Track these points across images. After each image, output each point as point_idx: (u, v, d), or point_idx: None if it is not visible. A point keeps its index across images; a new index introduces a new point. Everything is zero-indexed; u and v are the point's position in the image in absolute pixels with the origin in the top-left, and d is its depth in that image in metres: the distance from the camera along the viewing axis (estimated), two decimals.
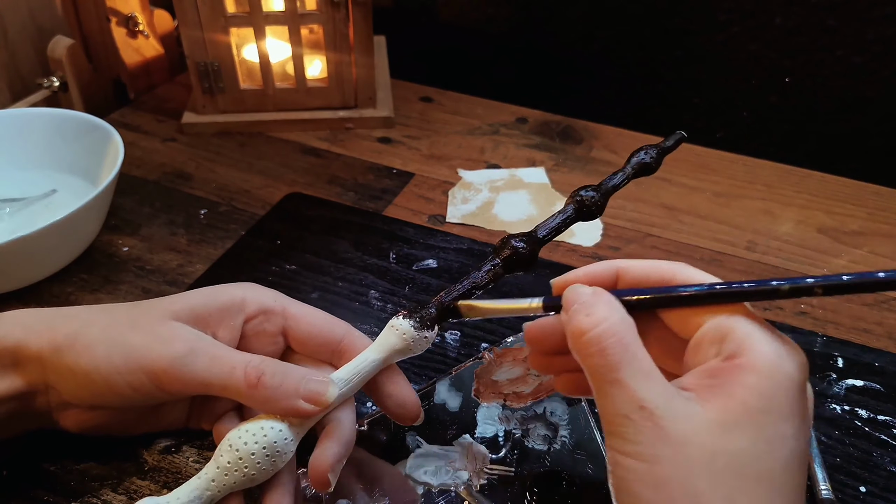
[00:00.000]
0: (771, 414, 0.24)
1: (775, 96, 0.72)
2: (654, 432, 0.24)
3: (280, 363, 0.35)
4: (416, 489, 0.38)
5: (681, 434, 0.24)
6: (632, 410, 0.25)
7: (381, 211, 0.60)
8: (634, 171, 0.38)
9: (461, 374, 0.42)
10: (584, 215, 0.37)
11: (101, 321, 0.36)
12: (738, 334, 0.26)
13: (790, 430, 0.24)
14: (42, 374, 0.35)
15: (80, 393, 0.35)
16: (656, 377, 0.25)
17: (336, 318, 0.39)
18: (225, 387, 0.34)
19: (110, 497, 0.38)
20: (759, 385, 0.24)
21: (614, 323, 0.26)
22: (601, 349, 0.26)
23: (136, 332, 0.35)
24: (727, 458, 0.24)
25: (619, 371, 0.25)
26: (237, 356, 0.35)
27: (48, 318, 0.36)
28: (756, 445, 0.24)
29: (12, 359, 0.35)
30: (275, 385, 0.33)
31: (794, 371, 0.25)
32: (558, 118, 0.73)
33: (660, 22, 0.73)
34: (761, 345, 0.25)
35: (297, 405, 0.33)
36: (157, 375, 0.34)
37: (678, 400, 0.25)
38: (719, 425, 0.24)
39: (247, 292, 0.38)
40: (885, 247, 0.58)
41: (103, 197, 0.51)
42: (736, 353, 0.25)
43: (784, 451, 0.24)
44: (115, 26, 0.71)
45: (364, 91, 0.70)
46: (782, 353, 0.25)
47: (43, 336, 0.35)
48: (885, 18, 0.65)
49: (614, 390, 0.25)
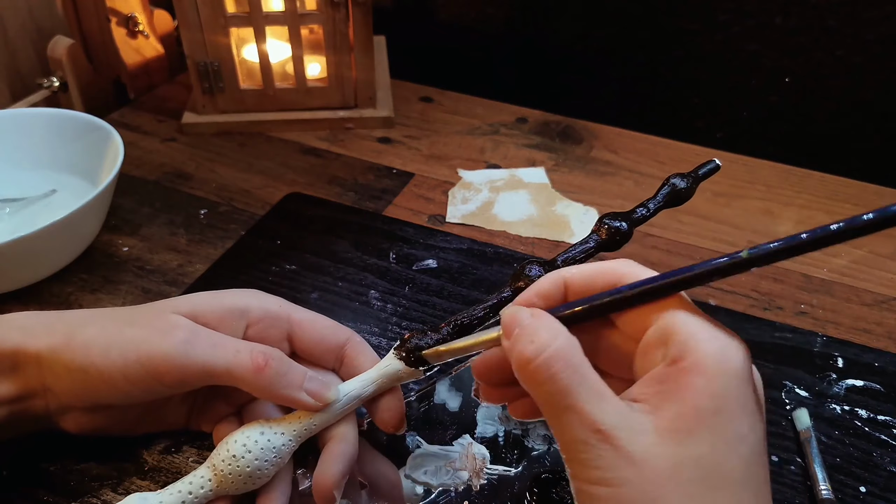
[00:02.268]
0: (725, 414, 0.24)
1: (775, 96, 0.72)
2: (613, 454, 0.23)
3: (285, 356, 0.35)
4: (416, 489, 0.38)
5: (640, 452, 0.23)
6: (588, 435, 0.24)
7: (381, 211, 0.60)
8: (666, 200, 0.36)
9: (461, 374, 0.42)
10: (610, 245, 0.35)
11: (99, 321, 0.36)
12: (680, 336, 0.25)
13: (746, 425, 0.24)
14: (40, 377, 0.35)
15: (77, 392, 0.35)
16: (608, 396, 0.25)
17: (339, 324, 0.39)
18: (229, 370, 0.34)
19: (110, 497, 0.38)
20: (708, 387, 0.24)
21: (560, 347, 0.25)
22: (550, 376, 0.25)
23: (133, 326, 0.35)
24: (690, 467, 0.23)
25: (571, 396, 0.24)
26: (241, 342, 0.35)
27: (47, 321, 0.36)
28: (716, 449, 0.23)
29: (11, 362, 0.35)
30: (281, 372, 0.34)
31: (739, 365, 0.24)
32: (558, 118, 0.73)
33: (660, 22, 0.73)
34: (704, 344, 0.24)
35: (299, 396, 0.33)
36: (156, 366, 0.33)
37: (632, 416, 0.24)
38: (676, 434, 0.23)
39: (250, 299, 0.38)
40: (886, 247, 0.58)
41: (103, 197, 0.51)
42: (680, 355, 0.24)
43: (744, 448, 0.24)
44: (115, 26, 0.71)
45: (364, 91, 0.70)
46: (726, 348, 0.25)
47: (41, 338, 0.35)
48: (885, 18, 0.65)
49: (568, 416, 0.24)
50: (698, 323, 0.25)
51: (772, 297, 0.53)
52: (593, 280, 0.28)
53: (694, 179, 0.37)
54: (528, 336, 0.26)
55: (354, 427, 0.36)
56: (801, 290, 0.53)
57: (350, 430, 0.35)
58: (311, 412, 0.35)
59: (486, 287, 0.52)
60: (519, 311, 0.27)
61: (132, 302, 0.51)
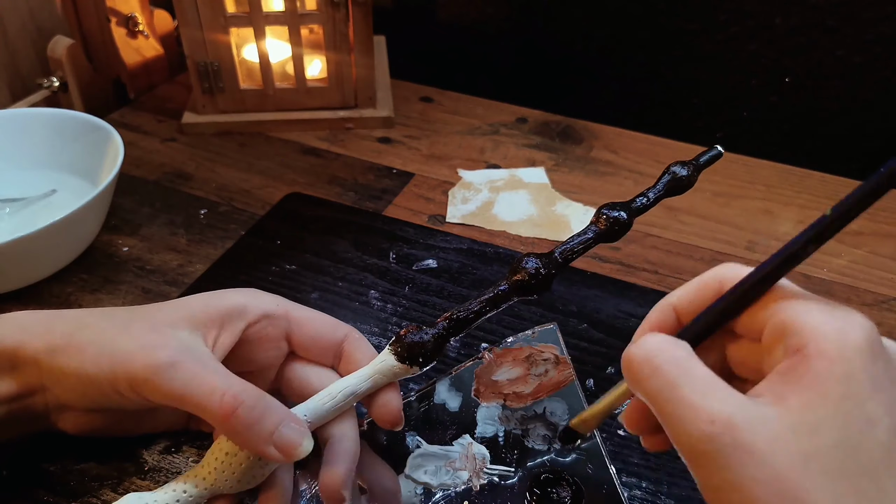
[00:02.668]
0: (855, 397, 0.22)
1: (775, 96, 0.72)
2: (734, 451, 0.22)
3: (263, 397, 0.33)
4: (416, 489, 0.38)
5: (766, 445, 0.22)
6: (704, 427, 0.22)
7: (381, 211, 0.60)
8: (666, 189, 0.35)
9: (461, 374, 0.42)
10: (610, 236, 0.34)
11: (97, 324, 0.35)
12: (795, 325, 0.23)
13: (881, 406, 0.22)
14: (38, 376, 0.35)
15: (72, 395, 0.35)
16: (722, 387, 0.23)
17: (338, 320, 0.39)
18: (201, 408, 0.32)
19: (110, 497, 0.38)
20: (832, 371, 0.22)
21: (661, 342, 0.25)
22: (654, 369, 0.24)
23: (126, 336, 0.34)
24: (823, 458, 0.21)
25: (678, 388, 0.23)
26: (220, 379, 0.33)
27: (46, 321, 0.36)
28: (850, 435, 0.22)
29: (11, 361, 0.35)
30: (249, 422, 0.31)
31: (863, 341, 0.23)
32: (558, 118, 0.73)
33: (660, 22, 0.73)
34: (821, 327, 0.23)
35: (266, 451, 0.32)
36: (138, 384, 0.33)
37: (753, 408, 0.22)
38: (804, 425, 0.22)
39: (248, 298, 0.38)
40: (886, 247, 0.58)
41: (103, 197, 0.51)
42: (799, 345, 0.23)
43: (881, 430, 0.22)
44: (115, 26, 0.71)
45: (364, 91, 0.70)
46: (845, 326, 0.23)
47: (40, 338, 0.35)
48: (885, 18, 0.65)
49: (679, 411, 0.23)
50: (811, 307, 0.24)
51: None
52: (701, 294, 0.27)
53: (695, 167, 0.36)
54: (632, 346, 0.26)
55: (355, 425, 0.36)
56: None
57: (350, 428, 0.35)
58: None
59: (486, 287, 0.52)
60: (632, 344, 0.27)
61: (132, 302, 0.51)
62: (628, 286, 0.53)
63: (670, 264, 0.55)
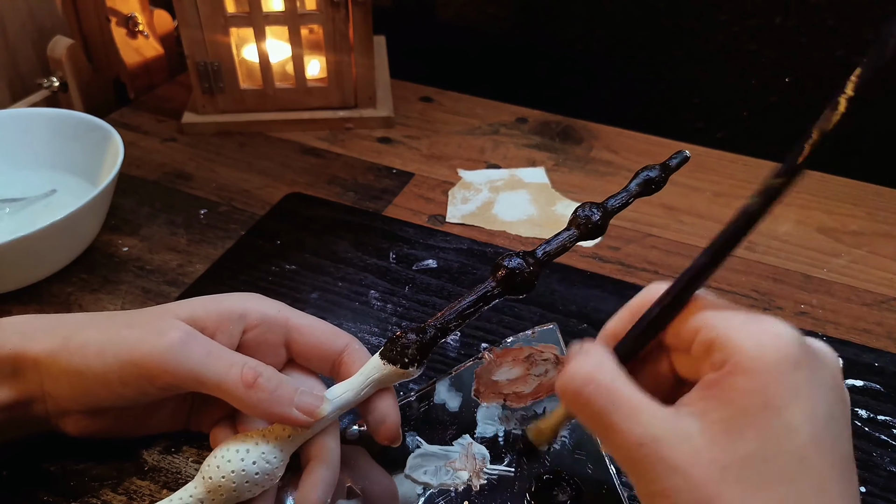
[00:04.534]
0: (771, 408, 0.23)
1: (775, 96, 0.72)
2: (660, 466, 0.24)
3: (276, 371, 0.35)
4: (416, 489, 0.38)
5: (686, 458, 0.24)
6: (633, 450, 0.24)
7: (381, 211, 0.60)
8: (639, 190, 0.37)
9: (461, 374, 0.42)
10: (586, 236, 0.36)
11: (98, 324, 0.36)
12: (718, 340, 0.25)
13: (798, 415, 0.23)
14: (39, 381, 0.35)
15: (74, 396, 0.35)
16: (648, 409, 0.25)
17: (339, 329, 0.39)
18: (219, 384, 0.33)
19: (110, 497, 0.38)
20: (749, 384, 0.24)
21: (590, 371, 0.26)
22: (586, 400, 0.26)
23: (130, 328, 0.35)
24: (738, 467, 0.23)
25: (608, 416, 0.25)
26: (235, 355, 0.35)
27: (47, 325, 0.36)
28: (764, 445, 0.23)
29: (12, 367, 0.35)
30: (271, 388, 0.33)
31: (781, 354, 0.24)
32: (558, 118, 0.73)
33: (660, 22, 0.73)
34: (741, 342, 0.24)
35: (290, 413, 0.33)
36: (149, 368, 0.33)
37: (677, 423, 0.24)
38: (723, 436, 0.24)
39: (249, 302, 0.38)
40: (886, 247, 0.58)
41: (103, 197, 0.51)
42: (721, 360, 0.25)
43: (797, 439, 0.23)
44: (115, 26, 0.71)
45: (364, 91, 0.70)
46: (763, 340, 0.24)
47: (40, 342, 0.35)
48: (885, 18, 0.65)
49: (612, 436, 0.25)
50: (733, 321, 0.25)
51: (772, 297, 0.53)
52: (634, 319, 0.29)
53: (664, 169, 0.38)
54: (565, 370, 0.27)
55: (337, 443, 0.35)
56: (801, 290, 0.53)
57: (332, 449, 0.35)
58: None
59: None
60: (571, 348, 0.28)
61: (132, 302, 0.51)
62: (628, 286, 0.53)
63: (670, 264, 0.55)
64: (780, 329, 0.24)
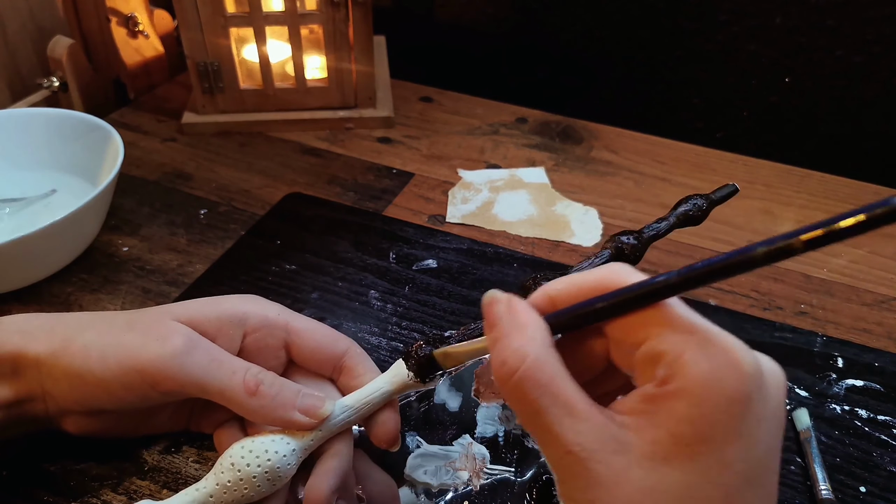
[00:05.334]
0: (708, 441, 0.22)
1: (775, 96, 0.72)
2: (585, 477, 0.23)
3: (277, 376, 0.35)
4: (416, 490, 0.38)
5: (612, 475, 0.23)
6: (561, 456, 0.23)
7: (381, 211, 0.60)
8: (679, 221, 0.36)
9: (461, 374, 0.42)
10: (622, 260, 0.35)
11: (98, 325, 0.35)
12: (669, 356, 0.23)
13: (734, 452, 0.22)
14: (39, 381, 0.35)
15: (75, 397, 0.35)
16: (584, 415, 0.24)
17: (339, 333, 0.39)
18: (222, 392, 0.33)
19: (110, 497, 0.38)
20: (688, 413, 0.22)
21: (528, 366, 0.24)
22: (522, 396, 0.24)
23: (132, 332, 0.35)
24: (662, 494, 0.22)
25: (542, 417, 0.24)
26: (237, 361, 0.35)
27: (47, 324, 0.36)
28: (692, 478, 0.22)
29: (12, 365, 0.35)
30: (272, 394, 0.33)
31: (734, 388, 0.22)
32: (558, 118, 0.73)
33: (660, 22, 0.73)
34: (693, 367, 0.23)
35: (293, 416, 0.33)
36: (151, 374, 0.33)
37: (610, 435, 0.23)
38: (650, 460, 0.23)
39: (249, 305, 0.37)
40: (886, 247, 0.58)
41: (103, 197, 0.51)
42: (667, 377, 0.23)
43: (728, 476, 0.22)
44: (115, 26, 0.71)
45: (364, 91, 0.70)
46: (718, 370, 0.22)
47: (41, 341, 0.35)
48: (885, 18, 0.65)
49: (543, 437, 0.24)
50: (690, 341, 0.23)
51: (772, 297, 0.53)
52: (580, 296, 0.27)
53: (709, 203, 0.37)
54: (499, 354, 0.25)
55: (350, 442, 0.35)
56: (801, 290, 0.53)
57: (345, 445, 0.35)
58: None
59: (486, 287, 0.52)
60: (495, 303, 0.27)
61: (132, 302, 0.51)
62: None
63: (670, 264, 0.55)
64: (736, 358, 0.23)
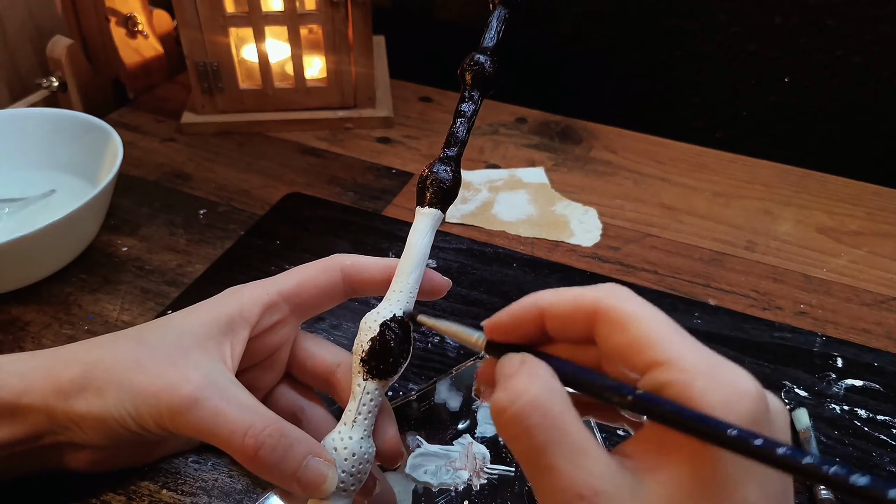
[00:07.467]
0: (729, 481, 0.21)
1: (775, 96, 0.72)
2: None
3: (285, 434, 0.31)
4: (416, 489, 0.38)
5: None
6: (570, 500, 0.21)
7: (381, 211, 0.60)
8: None
9: (461, 374, 0.42)
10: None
11: (104, 361, 0.34)
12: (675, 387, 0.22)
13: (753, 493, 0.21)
14: (48, 422, 0.34)
15: (93, 436, 0.34)
16: (594, 454, 0.22)
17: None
18: (225, 446, 0.32)
19: (110, 497, 0.38)
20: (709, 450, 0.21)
21: (536, 395, 0.23)
22: (525, 430, 0.22)
23: (143, 374, 0.33)
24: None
25: (549, 454, 0.22)
26: (240, 417, 0.32)
27: (46, 364, 0.35)
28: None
29: (10, 410, 0.34)
30: (272, 462, 0.31)
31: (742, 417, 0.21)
32: (558, 118, 0.73)
33: (660, 22, 0.73)
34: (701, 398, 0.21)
35: (291, 488, 0.31)
36: (165, 421, 0.33)
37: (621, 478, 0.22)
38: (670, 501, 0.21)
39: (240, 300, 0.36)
40: (885, 247, 0.58)
41: (102, 197, 0.51)
42: None
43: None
44: (115, 26, 0.71)
45: (363, 91, 0.70)
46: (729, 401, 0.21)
47: (45, 385, 0.34)
48: (885, 18, 0.65)
49: (548, 477, 0.22)
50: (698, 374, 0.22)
51: (771, 297, 0.53)
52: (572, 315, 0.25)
53: None
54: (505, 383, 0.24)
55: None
56: (801, 290, 0.53)
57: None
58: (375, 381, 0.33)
59: (485, 287, 0.52)
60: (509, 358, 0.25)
61: (132, 302, 0.51)
62: (628, 286, 0.52)
63: (670, 264, 0.55)
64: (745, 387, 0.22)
